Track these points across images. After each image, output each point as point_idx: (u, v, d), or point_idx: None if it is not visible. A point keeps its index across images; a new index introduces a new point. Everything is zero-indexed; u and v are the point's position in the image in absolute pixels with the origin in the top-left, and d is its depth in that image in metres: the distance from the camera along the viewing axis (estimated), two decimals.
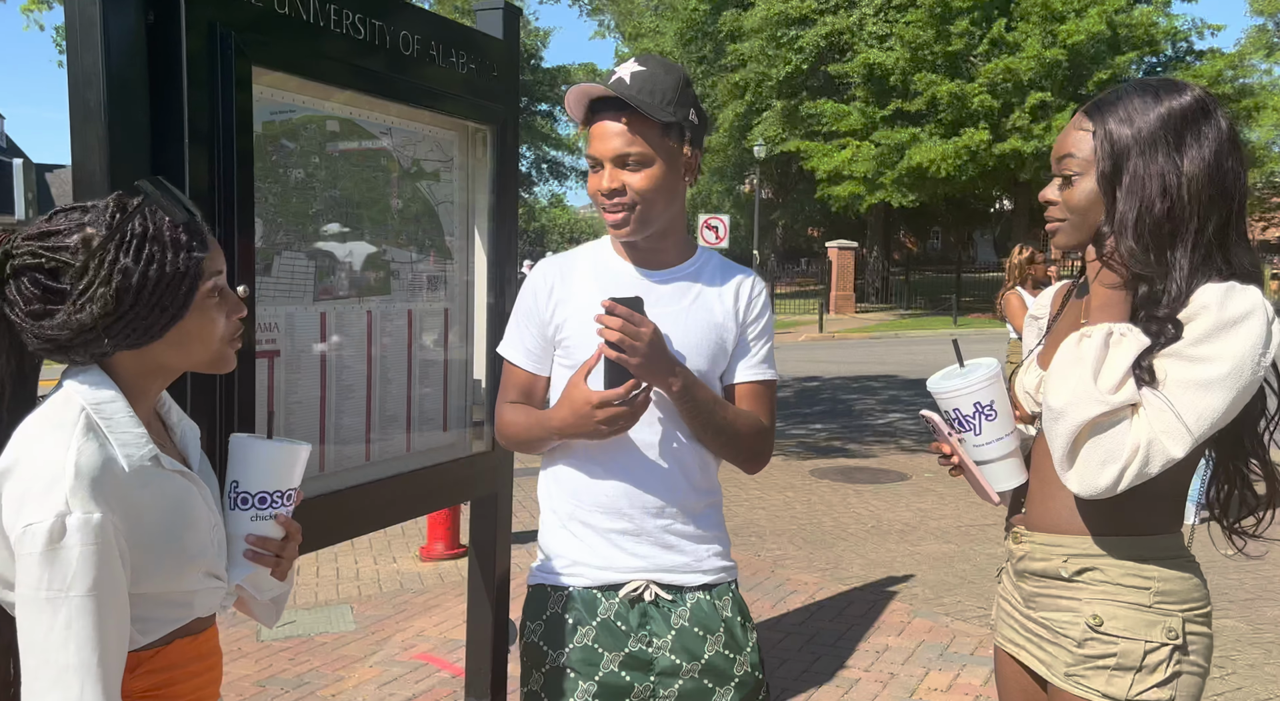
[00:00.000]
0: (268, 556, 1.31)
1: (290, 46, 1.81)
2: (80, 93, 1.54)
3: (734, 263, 1.78)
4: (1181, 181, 1.34)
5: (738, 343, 1.71)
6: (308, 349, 1.96)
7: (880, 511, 6.18)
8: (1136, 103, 1.39)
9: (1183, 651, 1.40)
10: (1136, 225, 1.36)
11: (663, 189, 1.62)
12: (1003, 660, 1.63)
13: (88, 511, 1.05)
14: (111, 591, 1.08)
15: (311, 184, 1.96)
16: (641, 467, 1.64)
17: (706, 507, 1.72)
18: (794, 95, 25.82)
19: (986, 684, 3.56)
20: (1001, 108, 22.65)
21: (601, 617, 1.65)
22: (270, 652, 3.83)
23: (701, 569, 1.68)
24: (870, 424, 9.52)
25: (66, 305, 1.09)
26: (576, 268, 1.73)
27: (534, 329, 1.72)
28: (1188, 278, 1.34)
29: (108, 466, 1.09)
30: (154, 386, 1.22)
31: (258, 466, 1.31)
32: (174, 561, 1.17)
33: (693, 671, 1.64)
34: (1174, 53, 25.89)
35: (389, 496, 2.13)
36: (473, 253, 2.41)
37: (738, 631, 1.69)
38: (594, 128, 1.61)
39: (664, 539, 1.66)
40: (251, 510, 1.30)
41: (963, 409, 1.50)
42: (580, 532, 1.67)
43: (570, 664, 1.64)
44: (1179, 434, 1.30)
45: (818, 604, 4.45)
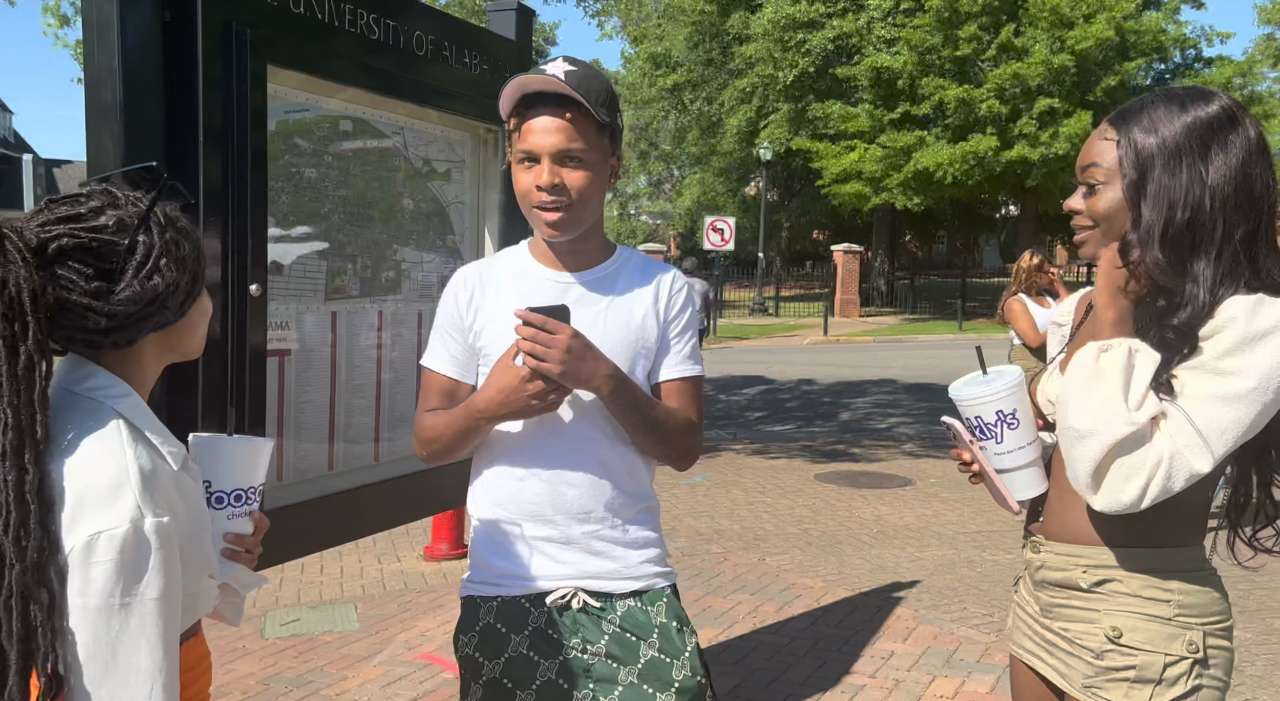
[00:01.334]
0: (243, 554, 1.33)
1: (304, 45, 1.81)
2: (96, 90, 1.54)
3: (654, 261, 1.75)
4: (1206, 191, 1.33)
5: (660, 341, 1.68)
6: (319, 348, 1.96)
7: (885, 516, 6.17)
8: (1161, 112, 1.37)
9: (1203, 665, 1.38)
10: (1163, 235, 1.34)
11: (597, 189, 1.60)
12: (1018, 669, 1.62)
13: (158, 514, 1.06)
14: (177, 593, 1.09)
15: (324, 183, 1.97)
16: (566, 474, 1.62)
17: (637, 513, 1.68)
18: (801, 98, 25.82)
19: (992, 691, 3.55)
20: (1009, 113, 22.62)
21: (533, 627, 1.63)
22: (275, 651, 3.83)
23: (631, 575, 1.66)
24: (875, 428, 9.50)
25: (128, 278, 1.10)
26: (495, 273, 1.70)
27: (457, 336, 1.69)
28: (1211, 288, 1.32)
29: (160, 468, 1.10)
30: (153, 378, 1.22)
31: (230, 464, 1.32)
32: (195, 564, 1.18)
33: (630, 676, 1.62)
34: (1183, 59, 25.85)
35: (398, 496, 2.13)
36: (482, 253, 2.41)
37: (673, 636, 1.65)
38: (532, 122, 1.56)
39: (591, 545, 1.64)
40: (228, 508, 1.31)
41: (985, 416, 1.48)
42: (506, 541, 1.66)
43: (507, 674, 1.62)
44: (1201, 448, 1.28)
45: (823, 609, 4.44)
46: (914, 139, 23.23)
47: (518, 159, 1.60)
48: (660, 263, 1.76)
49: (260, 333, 1.72)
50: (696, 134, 29.73)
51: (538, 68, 1.60)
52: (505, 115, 1.61)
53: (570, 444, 1.62)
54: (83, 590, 1.03)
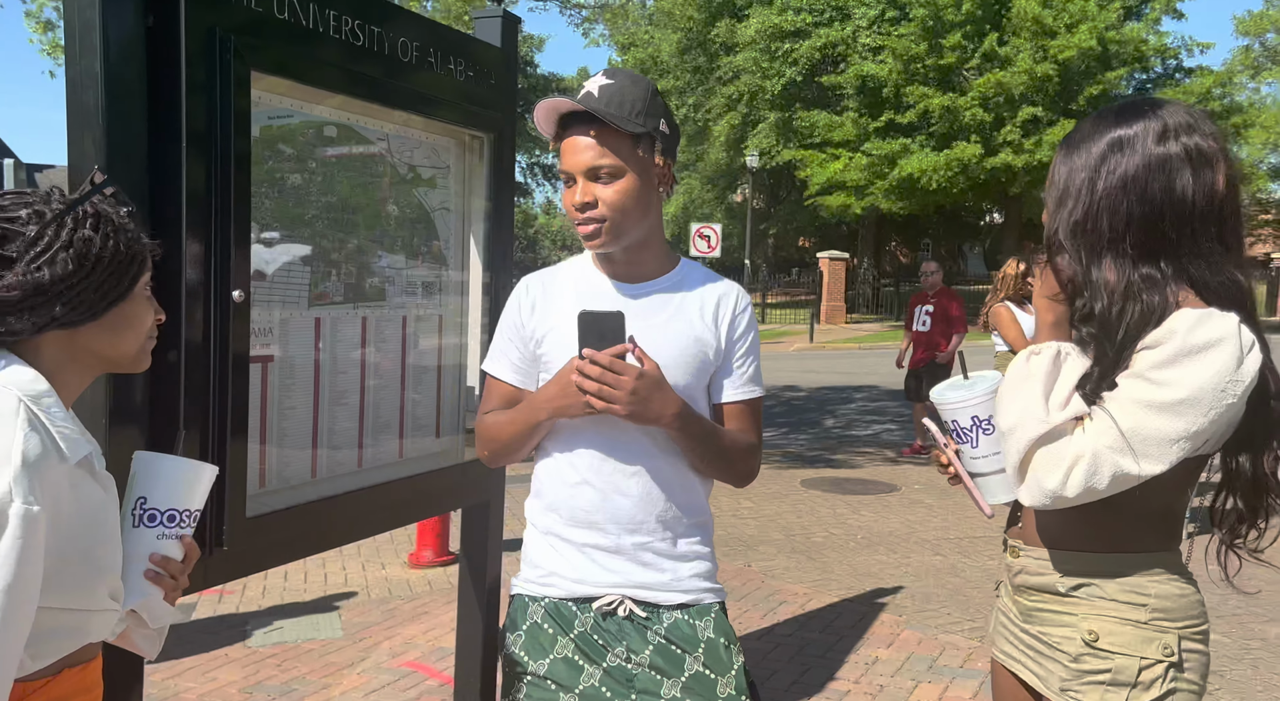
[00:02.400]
0: (166, 579, 1.27)
1: (288, 51, 1.81)
2: (78, 94, 1.53)
3: (716, 274, 1.76)
4: (1097, 194, 1.37)
5: (724, 360, 1.69)
6: (302, 354, 1.95)
7: (870, 522, 6.19)
8: (1088, 127, 1.43)
9: (1178, 668, 1.40)
10: (1054, 234, 1.41)
11: (636, 201, 1.61)
12: (999, 673, 1.63)
13: (28, 502, 1.02)
14: (29, 590, 1.04)
15: (308, 189, 1.96)
16: (620, 483, 1.63)
17: (689, 527, 1.69)
18: (788, 107, 25.92)
19: (975, 696, 3.56)
20: (993, 121, 22.78)
21: (579, 630, 1.64)
22: (257, 660, 3.80)
23: (680, 588, 1.66)
24: (860, 435, 9.53)
25: (20, 266, 1.10)
26: (558, 282, 1.73)
27: (518, 344, 1.71)
28: (1112, 295, 1.34)
29: (49, 460, 1.07)
30: (75, 380, 1.20)
31: (171, 483, 1.27)
32: (83, 574, 1.13)
33: (673, 689, 1.61)
34: (1164, 69, 26.12)
35: (381, 503, 2.12)
36: (468, 259, 2.41)
37: (720, 652, 1.65)
38: (565, 143, 1.61)
39: (640, 556, 1.64)
40: (159, 528, 1.26)
41: (960, 421, 1.51)
42: (558, 545, 1.67)
43: (552, 675, 1.63)
44: (1126, 451, 1.30)
45: (807, 615, 4.44)
46: (899, 146, 23.36)
47: (562, 178, 1.65)
48: (723, 277, 1.77)
49: (243, 339, 1.71)
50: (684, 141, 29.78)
51: (579, 85, 1.65)
52: (547, 137, 1.66)
53: (626, 454, 1.63)
54: None
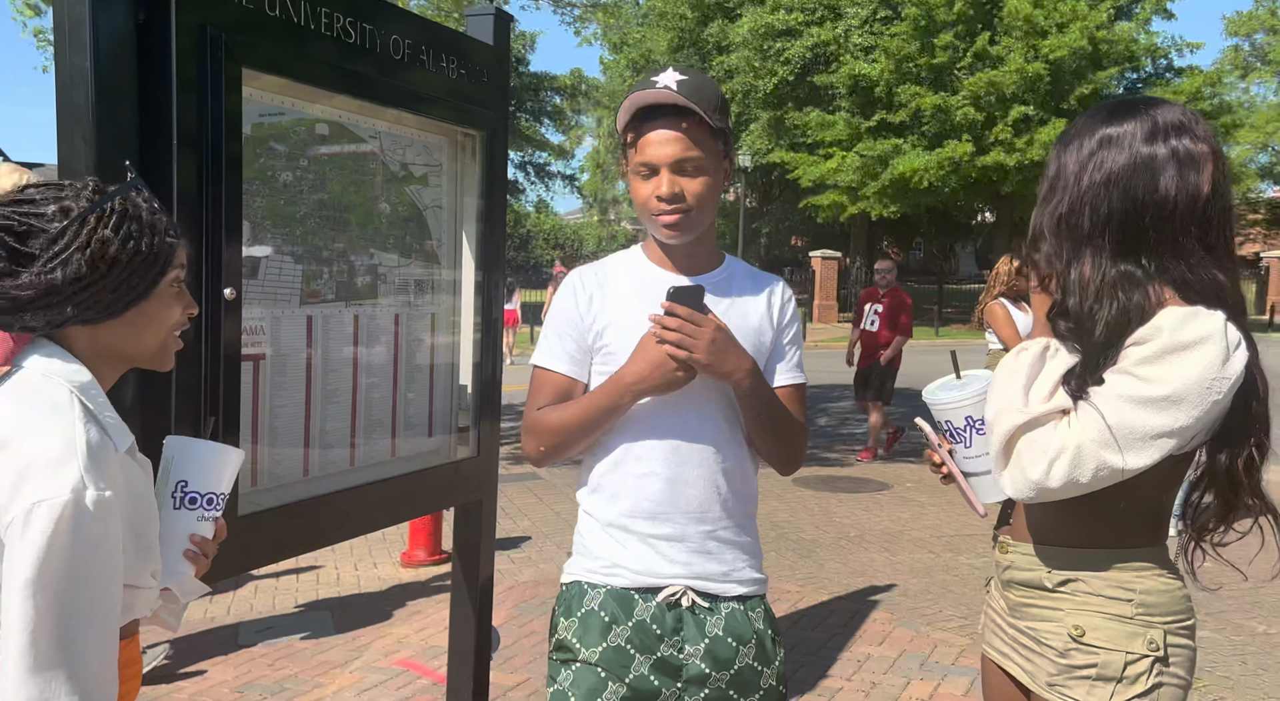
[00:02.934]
0: (201, 558, 1.33)
1: (280, 49, 1.80)
2: (68, 92, 1.53)
3: (761, 271, 1.82)
4: (1082, 189, 1.38)
5: (774, 347, 1.75)
6: (294, 352, 1.95)
7: (862, 520, 6.20)
8: (1082, 123, 1.44)
9: (1164, 663, 1.41)
10: (1037, 227, 1.43)
11: (714, 194, 1.66)
12: (989, 668, 1.64)
13: (101, 488, 1.06)
14: (116, 569, 1.09)
15: (300, 187, 1.96)
16: (686, 474, 1.66)
17: (746, 516, 1.73)
18: (780, 106, 25.95)
19: (967, 694, 3.58)
20: (984, 121, 22.84)
21: (637, 619, 1.65)
22: (249, 658, 3.80)
23: (738, 579, 1.70)
24: (852, 433, 9.55)
25: (35, 266, 1.11)
26: (612, 275, 1.75)
27: (574, 336, 1.72)
28: (1084, 290, 1.37)
29: (106, 448, 1.11)
30: (108, 374, 1.22)
31: (210, 467, 1.33)
32: (133, 554, 1.17)
33: (720, 681, 1.65)
34: (1154, 69, 26.22)
35: (373, 502, 2.12)
36: (460, 258, 2.41)
37: (768, 644, 1.70)
38: (650, 135, 1.62)
39: (705, 545, 1.67)
40: (199, 510, 1.32)
41: (954, 421, 1.51)
42: (620, 537, 1.68)
43: (602, 662, 1.64)
44: (1110, 444, 1.31)
45: (800, 612, 4.45)
46: (891, 146, 23.40)
47: (636, 170, 1.65)
48: (767, 273, 1.83)
49: (234, 337, 1.71)
50: None
51: (647, 80, 1.65)
52: (621, 129, 1.67)
53: (691, 444, 1.66)
54: (18, 559, 1.03)
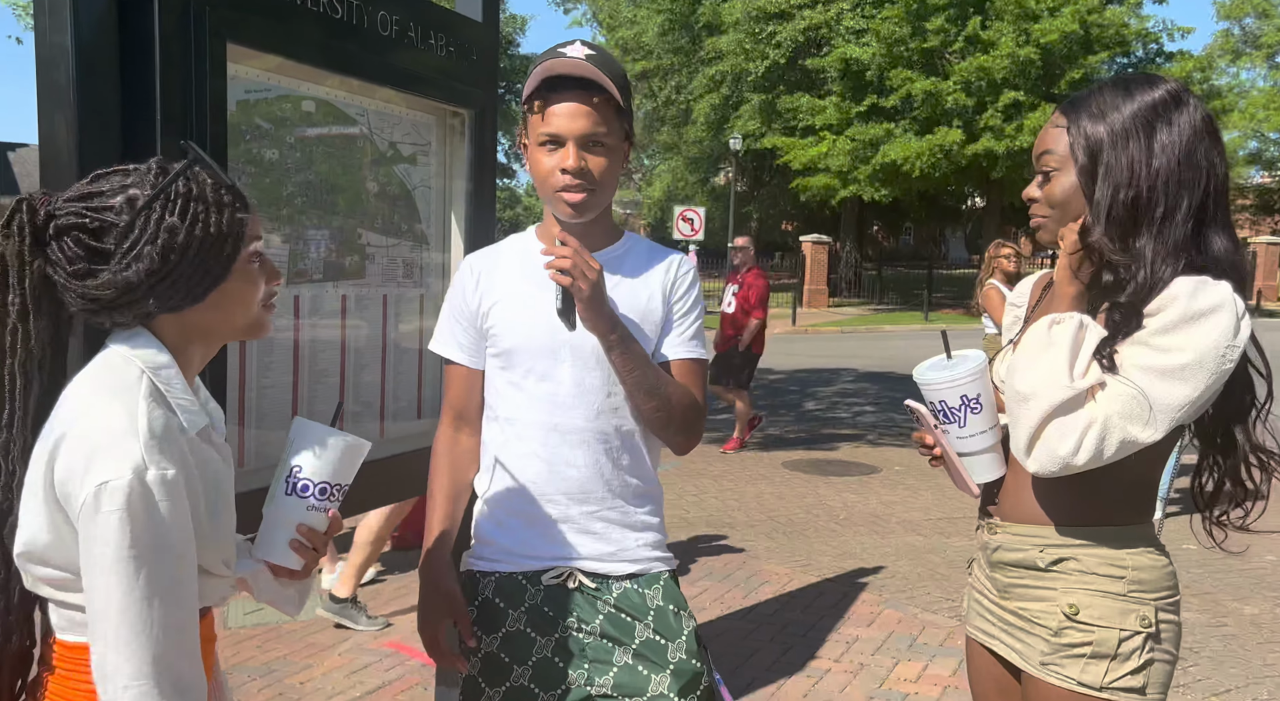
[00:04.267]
0: (308, 550, 1.30)
1: (266, 25, 1.78)
2: (48, 71, 1.51)
3: (661, 247, 1.77)
4: (1150, 169, 1.37)
5: (665, 320, 1.70)
6: (281, 332, 1.93)
7: (851, 503, 6.23)
8: (1109, 97, 1.42)
9: (1155, 639, 1.42)
10: (1109, 214, 1.39)
11: (615, 173, 1.63)
12: (974, 650, 1.64)
13: (163, 467, 1.05)
14: (188, 547, 1.08)
15: (286, 165, 1.94)
16: (568, 454, 1.63)
17: (636, 497, 1.69)
18: (771, 89, 25.87)
19: (955, 674, 3.60)
20: (975, 106, 22.82)
21: (529, 603, 1.65)
22: (238, 640, 3.80)
23: (628, 558, 1.67)
24: (842, 417, 9.58)
25: (112, 264, 1.09)
26: (503, 258, 1.73)
27: (464, 323, 1.71)
28: (1152, 265, 1.36)
29: (173, 429, 1.10)
30: (197, 354, 1.21)
31: (329, 457, 1.28)
32: (205, 538, 1.16)
33: (625, 657, 1.63)
34: (1145, 54, 26.22)
35: (362, 483, 2.11)
36: (449, 239, 2.40)
37: (670, 618, 1.65)
38: (556, 106, 1.57)
39: (589, 526, 1.65)
40: (310, 499, 1.28)
41: (949, 401, 1.50)
42: (505, 520, 1.67)
43: (504, 649, 1.64)
44: (1138, 417, 1.32)
45: (789, 595, 4.48)
46: (882, 131, 23.37)
47: (539, 141, 1.60)
48: (668, 248, 1.78)
49: None
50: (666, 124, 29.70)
51: (553, 50, 1.61)
52: (526, 97, 1.61)
53: (573, 425, 1.63)
54: (94, 541, 1.04)
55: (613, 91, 1.56)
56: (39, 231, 1.10)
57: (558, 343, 1.61)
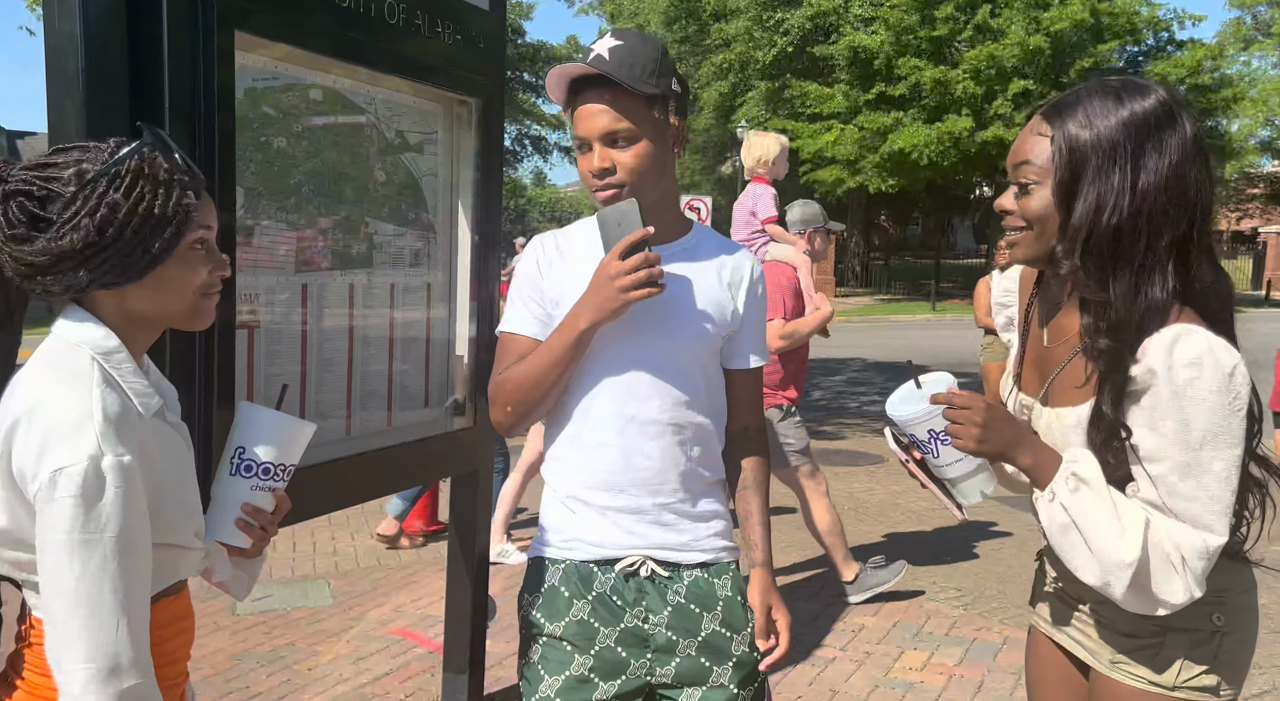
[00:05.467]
0: (255, 528, 1.33)
1: (274, 14, 1.78)
2: (57, 59, 1.51)
3: (730, 240, 1.78)
4: (1137, 195, 1.27)
5: (740, 326, 1.70)
6: (288, 321, 1.94)
7: (857, 493, 6.23)
8: (1097, 105, 1.30)
9: (1229, 636, 1.38)
10: (1086, 242, 1.29)
11: (653, 164, 1.61)
12: (1039, 641, 1.61)
13: (118, 453, 1.08)
14: (141, 533, 1.11)
15: (293, 153, 1.94)
16: (641, 445, 1.63)
17: (707, 486, 1.71)
18: (779, 77, 25.76)
19: (960, 663, 3.61)
20: (984, 94, 22.70)
21: (597, 592, 1.64)
22: (246, 627, 3.82)
23: (700, 547, 1.68)
24: (848, 407, 9.57)
25: (49, 232, 1.11)
26: (572, 243, 1.72)
27: (537, 300, 1.69)
28: (1129, 304, 1.28)
29: (127, 414, 1.13)
30: (139, 338, 1.23)
31: (271, 437, 1.32)
32: (171, 516, 1.19)
33: (689, 648, 1.64)
34: (1155, 42, 26.04)
35: (369, 471, 2.12)
36: (456, 228, 2.40)
37: (737, 609, 1.68)
38: (579, 109, 1.59)
39: (662, 517, 1.65)
40: (254, 479, 1.32)
41: (918, 434, 1.48)
42: (578, 509, 1.67)
43: (567, 637, 1.64)
44: (1198, 527, 1.26)
45: (794, 584, 4.48)
46: (890, 120, 23.26)
47: (575, 145, 1.63)
48: (736, 243, 1.79)
49: (229, 305, 1.70)
50: None
51: (587, 48, 1.62)
52: (559, 104, 1.64)
53: (648, 416, 1.63)
54: (47, 526, 1.07)
55: (626, 83, 1.54)
56: None
57: (632, 335, 1.61)
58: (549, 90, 1.62)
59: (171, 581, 1.25)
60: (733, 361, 1.72)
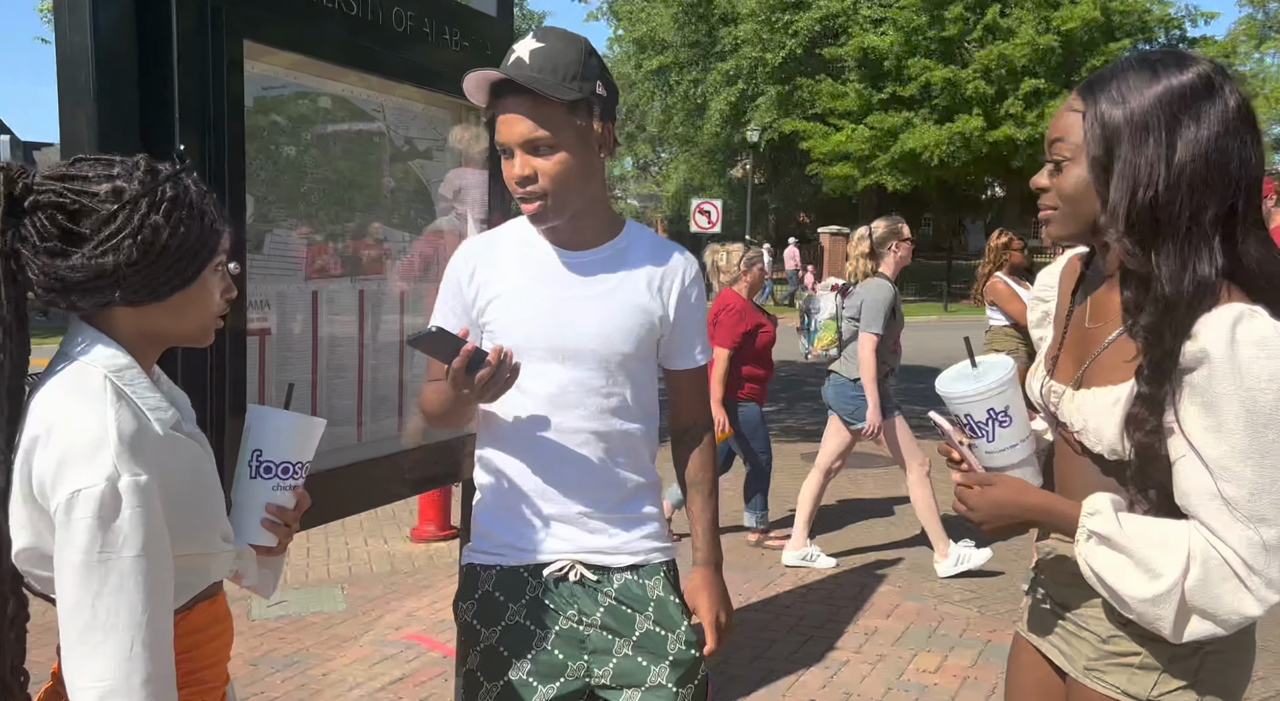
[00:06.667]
0: (281, 526, 1.35)
1: (283, 22, 1.79)
2: (69, 71, 1.52)
3: (666, 240, 1.74)
4: (1173, 167, 1.22)
5: (675, 329, 1.69)
6: (299, 328, 1.95)
7: (870, 495, 6.22)
8: (1132, 80, 1.26)
9: (1212, 655, 1.32)
10: (1126, 217, 1.24)
11: (576, 172, 1.55)
12: (1021, 647, 1.59)
13: (135, 473, 1.08)
14: (160, 551, 1.10)
15: (303, 161, 1.95)
16: (566, 451, 1.63)
17: (635, 491, 1.70)
18: (788, 80, 25.75)
19: (974, 665, 3.60)
20: (995, 94, 22.64)
21: (530, 596, 1.65)
22: (262, 632, 3.84)
23: (628, 550, 1.67)
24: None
25: (86, 248, 1.10)
26: (501, 247, 1.69)
27: (459, 310, 1.69)
28: (1173, 279, 1.23)
29: (143, 431, 1.12)
30: (149, 352, 1.23)
31: (284, 437, 1.34)
32: (199, 523, 1.19)
33: (625, 648, 1.63)
34: (1167, 40, 25.91)
35: (380, 476, 2.13)
36: (466, 234, 2.40)
37: (670, 609, 1.67)
38: (499, 116, 1.54)
39: (588, 523, 1.65)
40: (274, 480, 1.33)
41: (975, 414, 1.38)
42: (506, 513, 1.67)
43: (504, 642, 1.64)
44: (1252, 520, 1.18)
45: (807, 586, 4.48)
46: (901, 120, 23.23)
47: (500, 150, 1.59)
48: (673, 243, 1.75)
49: (240, 312, 1.71)
50: (683, 116, 29.61)
51: (510, 49, 1.58)
52: (484, 108, 1.59)
53: (573, 424, 1.62)
54: (65, 546, 1.06)
55: (543, 92, 1.49)
56: (14, 203, 1.10)
57: (559, 343, 1.61)
58: (469, 95, 1.56)
59: (205, 585, 1.25)
60: (671, 362, 1.73)
